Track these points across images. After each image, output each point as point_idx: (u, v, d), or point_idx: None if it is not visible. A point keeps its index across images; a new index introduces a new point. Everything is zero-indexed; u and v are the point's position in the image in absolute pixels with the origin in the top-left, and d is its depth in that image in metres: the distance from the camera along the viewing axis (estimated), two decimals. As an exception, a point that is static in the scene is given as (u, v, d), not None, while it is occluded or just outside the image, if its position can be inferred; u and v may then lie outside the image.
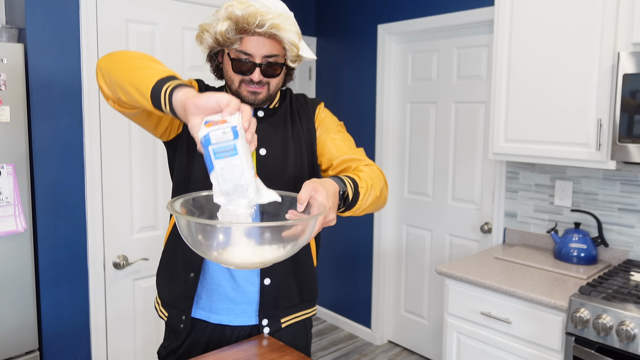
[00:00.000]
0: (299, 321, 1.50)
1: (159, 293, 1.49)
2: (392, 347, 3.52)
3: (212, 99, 0.93)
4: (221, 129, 0.91)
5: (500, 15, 2.37)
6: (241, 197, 0.96)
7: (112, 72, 1.12)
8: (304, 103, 1.48)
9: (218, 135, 0.91)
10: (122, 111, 1.22)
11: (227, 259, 0.96)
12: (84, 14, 2.18)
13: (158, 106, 1.02)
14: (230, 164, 0.93)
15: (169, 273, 1.45)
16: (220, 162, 0.93)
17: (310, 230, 0.98)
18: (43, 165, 2.14)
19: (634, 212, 2.30)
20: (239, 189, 0.95)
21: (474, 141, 3.00)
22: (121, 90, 1.10)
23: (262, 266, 1.00)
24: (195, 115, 0.94)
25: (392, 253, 3.52)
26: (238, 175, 0.94)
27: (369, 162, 1.38)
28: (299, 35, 1.28)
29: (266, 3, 1.26)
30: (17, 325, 2.05)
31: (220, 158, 0.92)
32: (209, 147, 0.92)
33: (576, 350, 1.85)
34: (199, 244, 0.96)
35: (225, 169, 0.93)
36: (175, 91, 0.99)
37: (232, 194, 0.95)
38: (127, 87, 1.07)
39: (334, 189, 1.10)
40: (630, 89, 1.92)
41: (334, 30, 3.70)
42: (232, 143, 0.92)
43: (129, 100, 1.09)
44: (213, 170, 0.94)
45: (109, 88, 1.15)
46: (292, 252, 1.00)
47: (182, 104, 0.96)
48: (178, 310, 1.42)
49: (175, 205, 1.01)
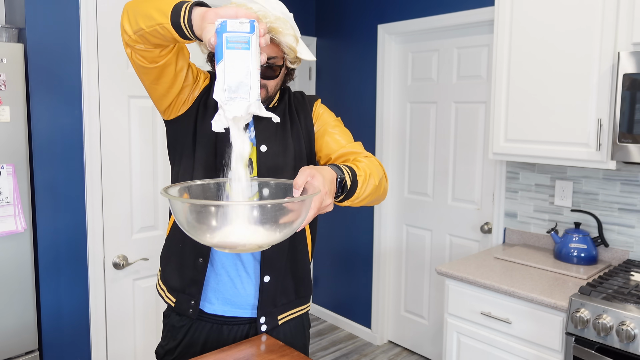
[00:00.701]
0: (296, 318, 1.51)
1: (165, 280, 1.48)
2: (392, 347, 3.52)
3: (231, 8, 0.94)
4: (239, 20, 0.90)
5: (501, 14, 2.37)
6: (242, 97, 0.93)
7: (139, 5, 1.13)
8: (301, 100, 1.49)
9: (235, 25, 0.90)
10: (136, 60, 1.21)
11: (221, 240, 0.95)
12: (84, 14, 2.18)
13: (177, 22, 1.02)
14: (240, 56, 0.91)
15: (177, 259, 1.44)
16: (230, 53, 0.90)
17: (305, 212, 0.99)
18: (43, 166, 2.14)
19: (634, 212, 2.30)
20: (242, 87, 0.92)
21: (474, 141, 3.00)
22: (142, 17, 1.10)
23: (258, 249, 0.99)
24: (212, 23, 0.95)
25: (392, 253, 3.52)
26: (245, 72, 0.92)
27: (367, 154, 1.39)
28: (297, 39, 1.29)
29: (265, 5, 1.26)
30: (17, 326, 2.05)
31: (232, 48, 0.90)
32: (223, 34, 0.90)
33: (576, 351, 1.85)
34: (193, 228, 0.96)
35: (235, 60, 0.91)
36: (196, 7, 1.01)
37: (234, 91, 0.93)
38: (151, 11, 1.08)
39: (330, 176, 1.11)
40: (630, 89, 1.92)
41: (334, 30, 3.70)
42: (247, 35, 0.90)
43: (148, 24, 1.09)
44: (221, 60, 0.91)
45: (130, 23, 1.14)
46: (287, 235, 1.00)
47: (202, 15, 0.97)
48: (187, 295, 1.43)
49: (171, 192, 1.01)
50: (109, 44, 2.26)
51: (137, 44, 1.16)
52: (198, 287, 1.41)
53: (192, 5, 1.02)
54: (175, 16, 1.03)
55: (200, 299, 1.42)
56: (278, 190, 1.14)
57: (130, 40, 1.16)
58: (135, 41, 1.16)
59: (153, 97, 1.35)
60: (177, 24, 1.03)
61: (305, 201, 0.98)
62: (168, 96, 1.33)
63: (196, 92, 1.38)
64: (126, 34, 1.16)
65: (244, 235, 0.95)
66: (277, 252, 1.41)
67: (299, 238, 1.46)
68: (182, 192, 1.07)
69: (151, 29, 1.09)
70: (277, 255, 1.42)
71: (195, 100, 1.38)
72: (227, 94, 0.92)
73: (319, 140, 1.45)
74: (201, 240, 0.97)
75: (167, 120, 1.42)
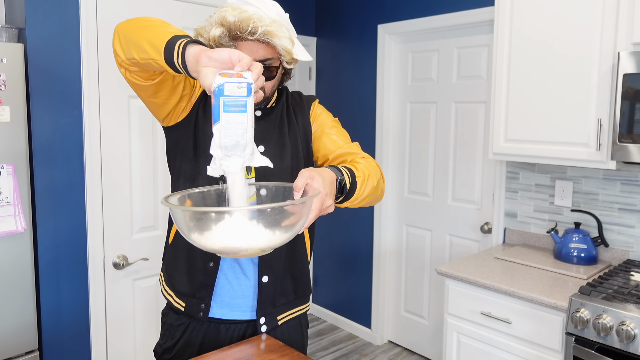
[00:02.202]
0: (295, 318, 1.51)
1: (172, 286, 1.47)
2: (392, 347, 3.52)
3: (225, 52, 0.95)
4: (237, 82, 0.93)
5: (501, 14, 2.37)
6: (238, 155, 0.97)
7: (129, 31, 1.12)
8: (299, 100, 1.49)
9: (233, 89, 0.93)
10: (130, 80, 1.21)
11: (224, 246, 0.95)
12: (84, 14, 2.18)
13: (170, 60, 1.02)
14: (237, 119, 0.94)
15: (185, 264, 1.44)
16: (227, 116, 0.93)
17: (306, 214, 0.99)
18: (43, 165, 2.14)
19: (634, 212, 2.30)
20: (238, 147, 0.96)
21: (474, 141, 3.00)
22: (135, 48, 1.10)
23: (261, 253, 1.00)
24: (207, 66, 0.96)
25: (392, 253, 3.52)
26: (241, 133, 0.95)
27: (365, 155, 1.40)
28: (292, 41, 1.28)
29: (260, 6, 1.26)
30: (17, 326, 2.06)
31: (229, 112, 0.93)
32: (220, 97, 0.93)
33: (576, 351, 1.85)
34: (194, 235, 0.96)
35: (231, 123, 0.94)
36: (189, 45, 1.01)
37: (230, 149, 0.96)
38: (142, 42, 1.07)
39: (330, 177, 1.11)
40: (631, 89, 1.92)
41: (334, 30, 3.70)
42: (244, 99, 0.94)
43: (141, 57, 1.09)
44: (218, 122, 0.94)
45: (122, 49, 1.14)
46: (289, 238, 1.00)
47: (195, 56, 0.98)
48: (197, 299, 1.42)
49: (172, 200, 1.02)
50: (109, 44, 2.26)
51: (131, 67, 1.16)
52: (208, 291, 1.41)
53: (186, 44, 1.01)
54: (168, 54, 1.02)
55: (210, 302, 1.42)
56: (278, 193, 1.13)
57: (124, 64, 1.16)
58: (129, 65, 1.16)
59: (151, 108, 1.35)
60: (170, 63, 1.03)
61: (306, 203, 0.98)
62: (166, 106, 1.33)
63: (194, 98, 1.37)
64: (119, 57, 1.16)
65: (245, 240, 0.95)
66: (275, 253, 1.41)
67: (298, 238, 1.46)
68: (183, 200, 1.06)
69: (145, 61, 1.09)
70: (275, 256, 1.42)
71: (194, 106, 1.37)
72: (223, 152, 0.97)
73: (317, 141, 1.45)
74: (204, 247, 0.97)
75: (166, 127, 1.41)
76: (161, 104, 1.32)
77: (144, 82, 1.21)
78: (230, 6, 1.25)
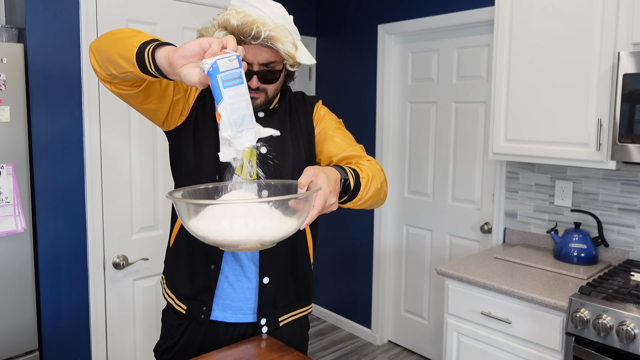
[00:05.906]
0: (295, 319, 1.51)
1: (173, 288, 1.47)
2: (392, 347, 3.52)
3: (194, 44, 0.95)
4: (226, 57, 0.94)
5: (500, 14, 2.37)
6: (248, 128, 0.98)
7: (102, 48, 1.12)
8: (302, 101, 1.48)
9: (225, 63, 0.93)
10: (117, 92, 1.21)
11: (224, 238, 0.96)
12: (84, 14, 2.18)
13: (145, 68, 1.03)
14: (238, 92, 0.95)
15: (186, 267, 1.44)
16: (229, 91, 0.94)
17: (307, 209, 0.99)
18: (43, 165, 2.14)
19: (634, 212, 2.30)
20: (246, 119, 0.97)
21: (474, 141, 3.00)
22: (110, 64, 1.10)
23: (261, 247, 1.00)
24: (184, 66, 0.96)
25: (392, 253, 3.52)
26: (245, 104, 0.96)
27: (369, 158, 1.39)
28: (296, 46, 1.27)
29: (263, 9, 1.25)
30: (17, 325, 2.05)
31: (229, 87, 0.94)
32: (217, 75, 0.93)
33: (576, 351, 1.85)
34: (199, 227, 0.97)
35: (234, 97, 0.95)
36: (157, 50, 1.00)
37: (240, 124, 0.97)
38: (115, 58, 1.07)
39: (335, 176, 1.11)
40: (630, 89, 1.92)
41: (334, 30, 3.70)
42: (238, 71, 0.94)
43: (119, 71, 1.09)
44: (222, 101, 0.95)
45: (100, 66, 1.15)
46: (291, 232, 1.01)
47: (167, 60, 0.97)
48: (199, 302, 1.42)
49: (176, 195, 1.03)
50: (109, 44, 2.26)
51: (113, 80, 1.16)
52: (210, 294, 1.41)
53: (153, 49, 1.01)
54: (141, 64, 1.02)
55: (212, 304, 1.42)
56: (282, 190, 1.14)
57: (106, 79, 1.17)
58: (111, 79, 1.16)
59: (147, 116, 1.34)
60: (146, 71, 1.03)
61: (307, 198, 0.98)
62: (161, 111, 1.32)
63: (191, 100, 1.37)
64: (99, 74, 1.17)
65: (245, 232, 0.95)
66: (276, 254, 1.41)
67: (300, 239, 1.46)
68: (187, 195, 1.07)
69: (123, 75, 1.09)
70: (277, 256, 1.41)
71: (192, 109, 1.36)
72: (234, 129, 0.97)
73: (320, 143, 1.44)
74: (207, 240, 0.98)
75: (167, 132, 1.41)
76: (155, 109, 1.31)
77: (132, 90, 1.21)
78: (234, 9, 1.24)
